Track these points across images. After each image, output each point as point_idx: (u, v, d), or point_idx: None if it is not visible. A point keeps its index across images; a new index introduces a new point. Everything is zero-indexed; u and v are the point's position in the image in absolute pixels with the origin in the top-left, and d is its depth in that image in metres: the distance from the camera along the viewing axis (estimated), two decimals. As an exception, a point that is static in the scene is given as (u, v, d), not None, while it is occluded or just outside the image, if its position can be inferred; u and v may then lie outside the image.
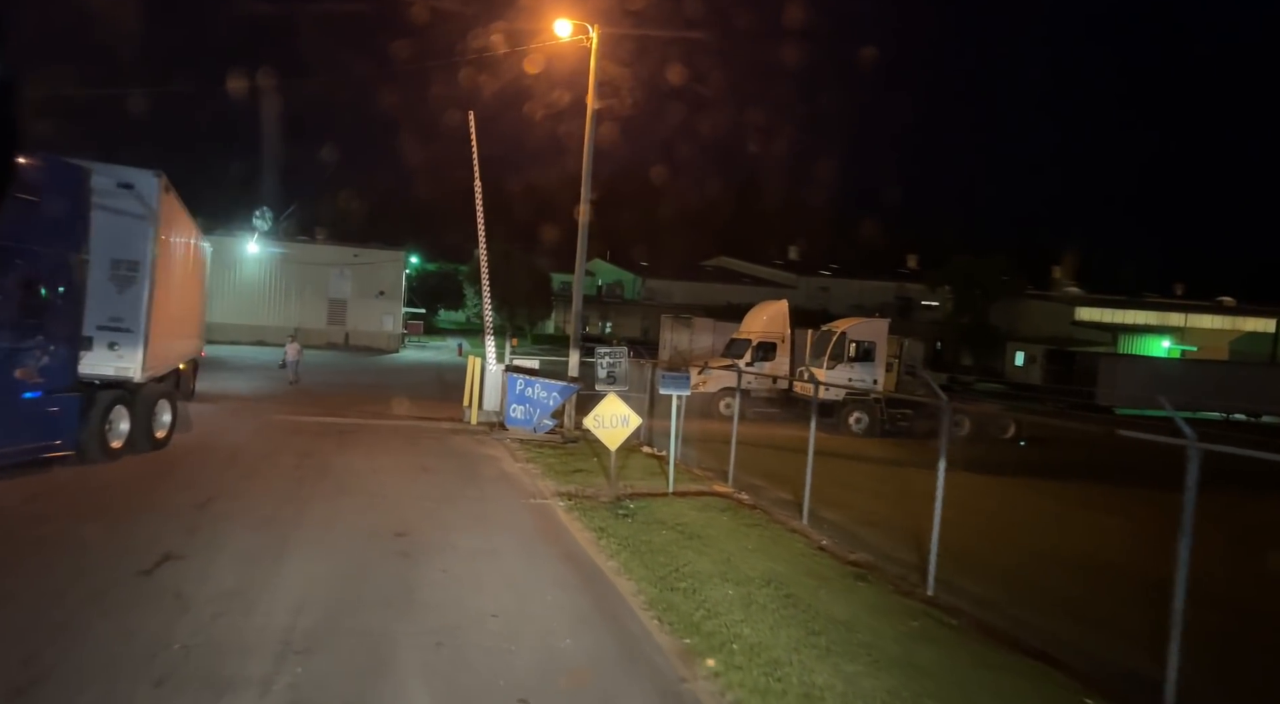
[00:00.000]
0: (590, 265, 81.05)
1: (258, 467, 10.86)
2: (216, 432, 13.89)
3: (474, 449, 13.98)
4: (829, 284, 74.46)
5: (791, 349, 25.09)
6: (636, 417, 10.93)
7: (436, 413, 19.62)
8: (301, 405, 19.14)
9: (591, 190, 18.20)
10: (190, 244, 14.79)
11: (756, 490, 11.54)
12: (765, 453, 14.05)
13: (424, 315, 58.50)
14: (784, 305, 25.45)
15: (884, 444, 20.52)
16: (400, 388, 25.85)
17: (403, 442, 14.25)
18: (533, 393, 15.70)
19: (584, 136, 17.78)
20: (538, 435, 15.66)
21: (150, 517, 7.98)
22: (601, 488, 10.94)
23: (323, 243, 47.34)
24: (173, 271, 12.58)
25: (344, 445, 13.26)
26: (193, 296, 16.10)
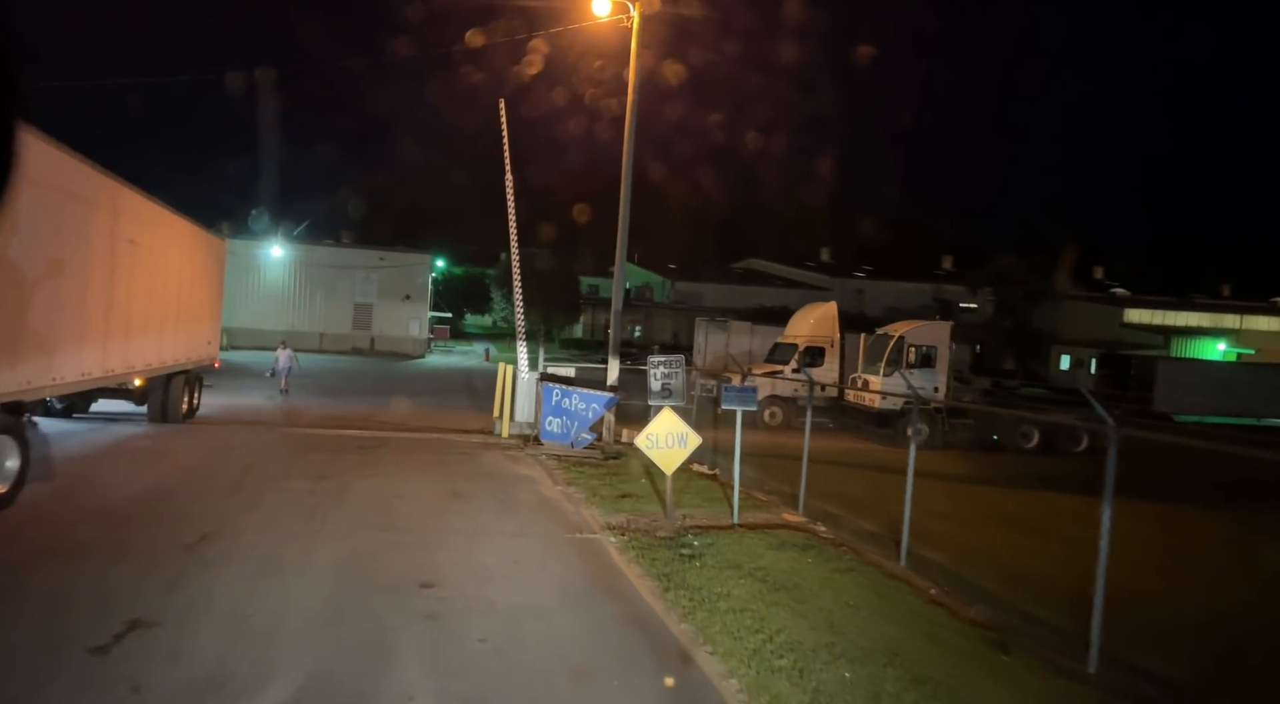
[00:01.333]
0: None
1: (265, 493, 9.54)
2: (224, 448, 12.63)
3: (507, 468, 12.60)
4: (864, 286, 72.53)
5: (841, 354, 23.50)
6: (696, 435, 9.48)
7: (465, 424, 18.31)
8: (320, 417, 17.90)
9: (630, 185, 16.78)
10: (150, 229, 12.74)
11: (833, 520, 10.02)
12: (825, 469, 12.51)
13: (450, 320, 57.50)
14: (832, 308, 23.87)
15: (946, 457, 18.86)
16: (427, 396, 24.62)
17: (429, 459, 12.90)
18: (570, 404, 14.31)
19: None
20: (575, 451, 14.26)
21: (129, 563, 6.65)
22: (656, 518, 9.49)
23: (348, 245, 46.43)
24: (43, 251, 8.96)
25: (364, 464, 11.93)
26: (172, 294, 14.21)
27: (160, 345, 13.47)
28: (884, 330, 20.97)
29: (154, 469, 10.66)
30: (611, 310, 16.74)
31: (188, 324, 15.12)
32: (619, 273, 16.88)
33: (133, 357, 12.17)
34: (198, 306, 15.88)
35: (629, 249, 66.14)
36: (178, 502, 8.87)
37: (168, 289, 14.06)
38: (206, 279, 16.71)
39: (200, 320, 16.10)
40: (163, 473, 10.49)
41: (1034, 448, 20.66)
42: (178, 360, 14.44)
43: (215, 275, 17.60)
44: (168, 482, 10.02)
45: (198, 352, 15.87)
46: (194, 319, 15.59)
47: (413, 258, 45.56)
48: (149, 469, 10.62)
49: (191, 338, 15.39)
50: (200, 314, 16.10)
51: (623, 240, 16.72)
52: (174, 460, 11.47)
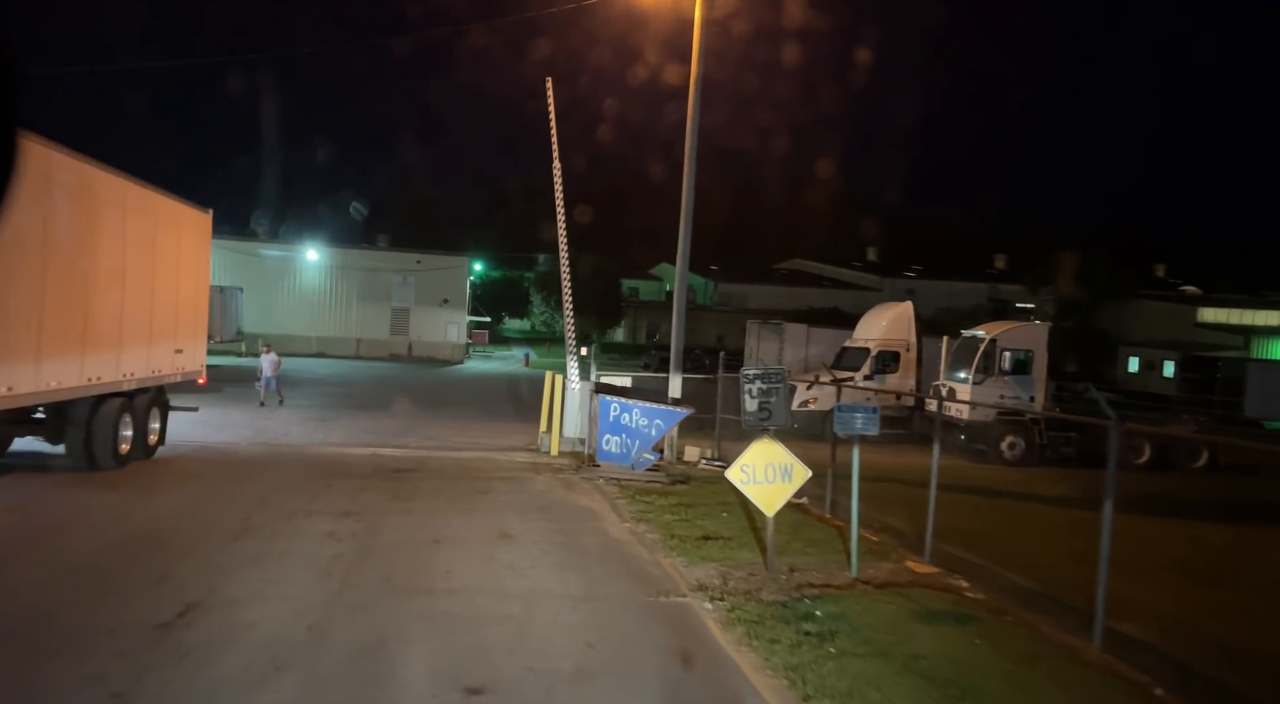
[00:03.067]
0: (657, 270, 78.38)
1: (276, 538, 7.85)
2: (236, 476, 11.01)
3: (563, 498, 10.81)
4: (915, 286, 69.81)
5: (919, 359, 21.37)
6: (803, 467, 7.59)
7: (508, 438, 16.62)
8: (352, 431, 16.34)
9: (688, 179, 14.94)
10: (66, 195, 9.39)
11: (970, 570, 8.03)
12: (918, 495, 10.51)
13: (489, 324, 56.17)
14: (908, 308, 21.77)
15: (1047, 476, 16.67)
16: (467, 405, 23.03)
17: (472, 487, 11.17)
18: (630, 420, 12.49)
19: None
20: (637, 474, 12.45)
21: (81, 649, 4.97)
22: (755, 570, 7.61)
23: (384, 249, 45.26)
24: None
25: (397, 495, 10.22)
26: (104, 285, 10.31)
27: (82, 356, 9.67)
28: (972, 332, 18.81)
29: (141, 509, 9.06)
30: (674, 317, 14.90)
31: (139, 326, 11.15)
32: (680, 277, 15.04)
33: (23, 373, 8.69)
34: (160, 302, 11.79)
35: (666, 251, 64.17)
36: (166, 553, 7.20)
37: (97, 278, 10.08)
38: (175, 265, 12.30)
39: (164, 321, 11.95)
40: (153, 512, 8.89)
41: (1144, 463, 18.32)
42: (119, 377, 10.50)
43: (191, 261, 13.12)
44: (160, 523, 8.40)
45: (161, 363, 11.78)
46: (152, 319, 11.55)
47: (450, 260, 44.21)
48: (133, 508, 9.03)
49: (150, 345, 11.43)
50: (163, 313, 11.91)
51: (684, 243, 14.90)
52: (149, 506, 9.86)
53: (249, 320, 36.03)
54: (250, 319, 36.16)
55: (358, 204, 51.94)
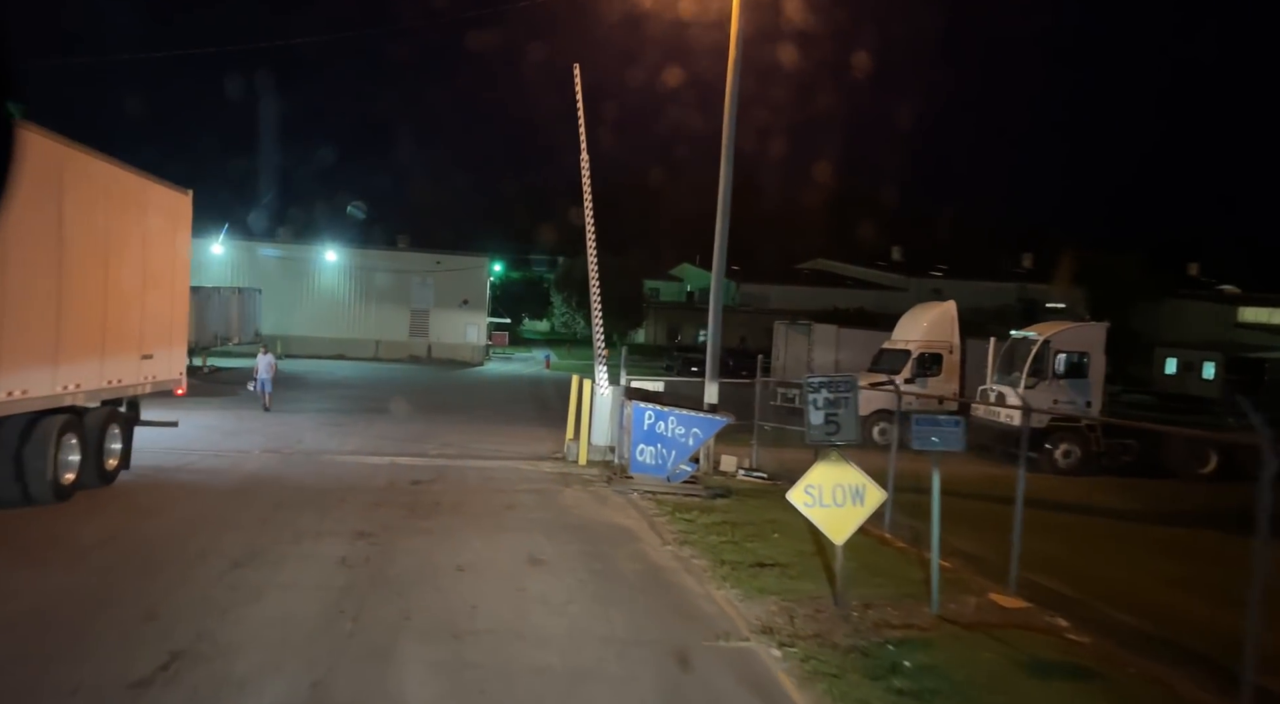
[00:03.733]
0: (677, 270, 77.46)
1: (281, 565, 7.01)
2: (247, 488, 10.20)
3: (595, 513, 9.91)
4: (941, 285, 68.43)
5: (963, 362, 20.32)
6: (877, 488, 6.66)
7: (532, 445, 15.79)
8: (369, 438, 15.54)
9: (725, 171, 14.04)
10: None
11: (1063, 604, 7.04)
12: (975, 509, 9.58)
13: (509, 325, 55.49)
14: (950, 308, 20.71)
15: (1106, 486, 15.59)
16: (488, 409, 22.23)
17: (497, 501, 10.30)
18: (666, 429, 11.58)
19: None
20: (673, 486, 11.54)
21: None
22: (820, 604, 6.68)
23: (404, 249, 44.64)
24: None
25: (415, 511, 9.37)
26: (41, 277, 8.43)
27: (14, 365, 7.88)
28: (1024, 333, 17.72)
29: (134, 530, 8.26)
30: (710, 321, 14.00)
31: (86, 328, 9.18)
32: (716, 281, 14.17)
33: None
34: (118, 300, 9.73)
35: (689, 251, 63.17)
36: (155, 586, 6.37)
37: (18, 266, 7.99)
38: (139, 255, 10.23)
39: (125, 322, 9.97)
40: (146, 535, 8.08)
41: (1210, 472, 17.16)
42: (55, 391, 8.51)
43: (163, 250, 11.04)
44: (152, 549, 7.59)
45: (121, 372, 9.78)
46: (106, 320, 9.54)
47: (470, 260, 43.51)
48: (123, 528, 8.23)
49: (103, 351, 9.44)
50: (123, 312, 9.92)
51: (722, 237, 14.01)
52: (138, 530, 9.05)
53: (267, 322, 35.51)
54: (268, 321, 35.64)
55: (356, 205, 51.33)
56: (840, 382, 6.85)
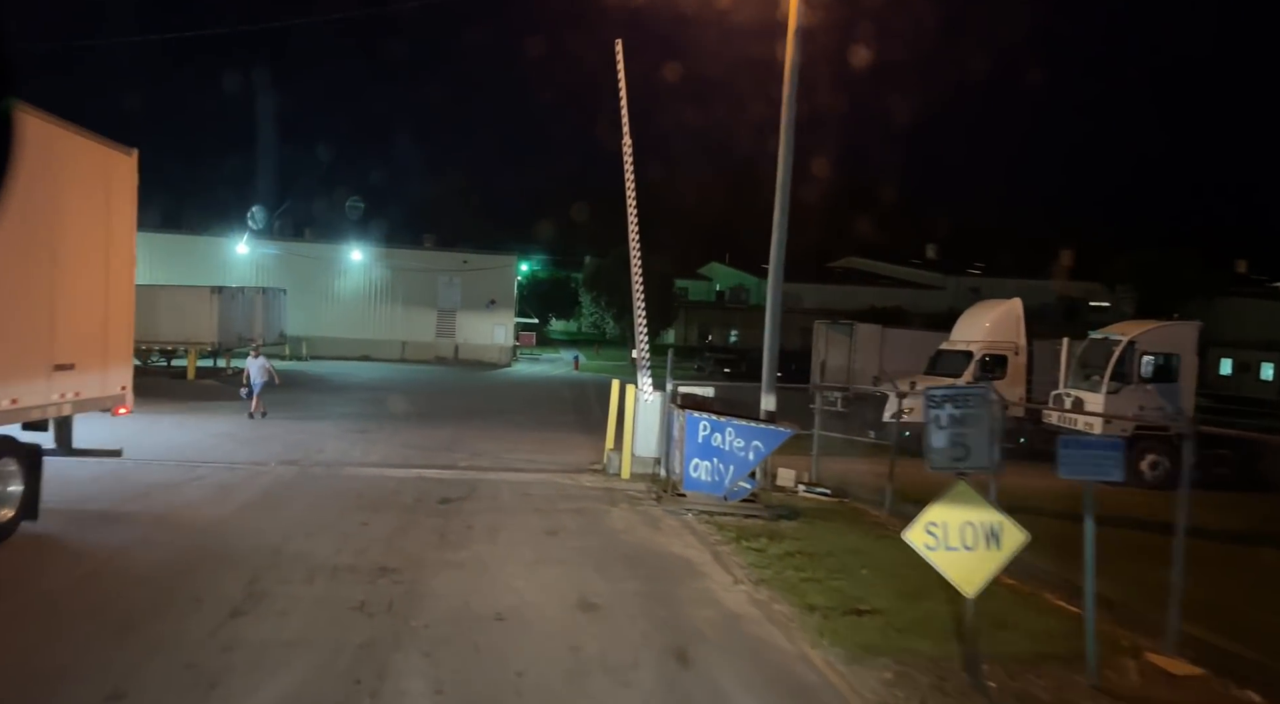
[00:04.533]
0: (706, 269, 76.03)
1: (289, 613, 5.86)
2: (257, 510, 9.08)
3: (650, 540, 8.69)
4: (979, 284, 66.52)
5: (1029, 364, 18.85)
6: (1016, 528, 5.37)
7: (568, 454, 14.67)
8: (394, 446, 14.47)
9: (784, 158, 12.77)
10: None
11: (1247, 671, 5.69)
12: (1054, 527, 8.22)
13: (537, 326, 54.50)
14: (1016, 306, 19.23)
15: (1202, 501, 13.97)
16: (518, 414, 21.10)
17: (536, 525, 9.12)
18: (723, 442, 10.34)
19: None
20: (731, 505, 10.33)
21: None
22: (945, 670, 5.41)
23: (430, 248, 43.75)
24: None
25: (446, 538, 8.22)
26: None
27: None
28: (1104, 333, 16.24)
29: (116, 570, 7.16)
30: (767, 324, 12.72)
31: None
32: (775, 262, 12.88)
33: None
34: (11, 289, 7.28)
35: (717, 250, 61.48)
36: (129, 645, 5.23)
37: None
38: (48, 231, 7.65)
39: (22, 319, 7.44)
40: (131, 570, 6.98)
41: (1312, 486, 15.55)
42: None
43: (91, 226, 8.47)
44: (135, 589, 6.48)
45: (18, 390, 7.26)
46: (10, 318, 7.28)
47: (498, 260, 42.53)
48: (109, 566, 7.13)
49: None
50: (18, 306, 7.41)
51: (780, 234, 12.74)
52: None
53: (292, 323, 34.77)
54: (293, 321, 34.90)
55: (354, 201, 50.48)
56: (969, 395, 5.57)
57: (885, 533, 9.59)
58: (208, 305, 28.18)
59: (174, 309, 28.19)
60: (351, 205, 49.60)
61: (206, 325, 28.11)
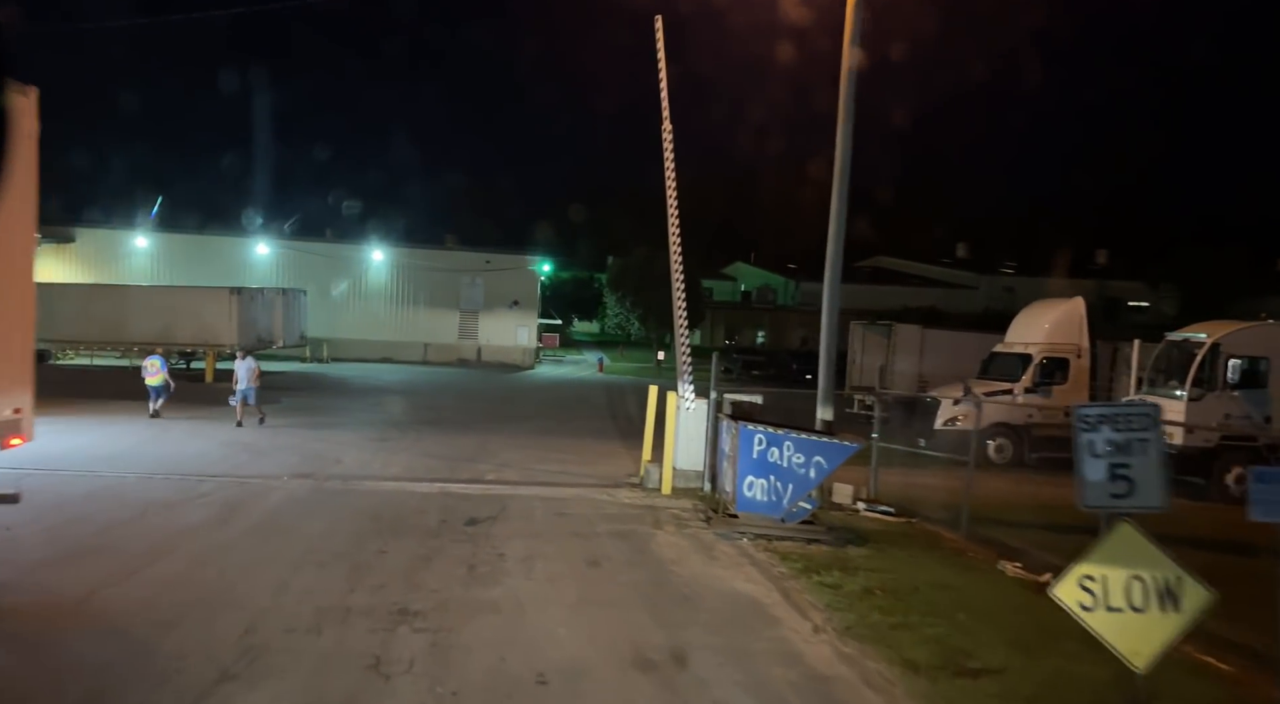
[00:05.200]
0: (730, 269, 74.79)
1: (289, 674, 4.87)
2: (263, 535, 8.10)
3: (706, 573, 7.62)
4: (1014, 283, 64.77)
5: (1093, 367, 17.59)
6: (1198, 586, 4.24)
7: (601, 464, 13.71)
8: (416, 455, 13.52)
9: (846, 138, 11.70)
10: None
11: None
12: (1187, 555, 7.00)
13: (560, 327, 53.59)
14: (1078, 306, 17.96)
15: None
16: (544, 419, 20.12)
17: (574, 550, 8.09)
18: (780, 457, 9.24)
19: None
20: (789, 527, 9.24)
21: None
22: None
23: (452, 248, 42.94)
24: None
25: (475, 571, 7.20)
26: None
27: None
28: (1183, 335, 14.95)
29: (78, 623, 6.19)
30: (823, 322, 11.64)
31: None
32: (832, 274, 11.79)
33: None
34: None
35: (742, 249, 59.91)
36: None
37: None
38: None
39: None
40: (105, 612, 6.01)
41: None
42: None
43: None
44: (115, 636, 5.51)
45: None
46: None
47: (521, 260, 41.63)
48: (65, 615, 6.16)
49: None
50: None
51: (839, 225, 11.66)
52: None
53: (313, 324, 34.09)
54: (314, 323, 34.22)
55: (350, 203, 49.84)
56: (1132, 415, 4.45)
57: (970, 562, 8.47)
58: (227, 307, 27.48)
59: (192, 310, 27.57)
60: (348, 206, 49.07)
61: (225, 327, 27.42)
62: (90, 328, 27.71)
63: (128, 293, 29.43)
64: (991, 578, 7.90)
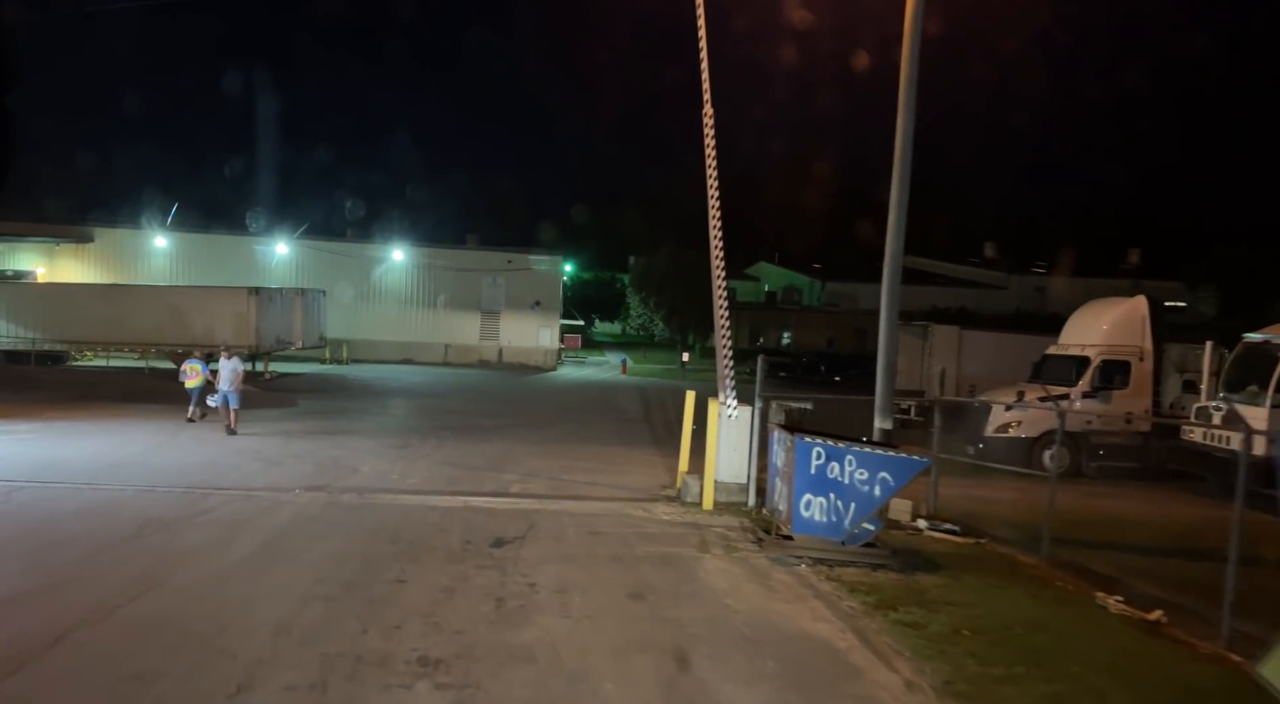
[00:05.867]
0: (754, 269, 73.60)
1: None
2: (267, 560, 7.25)
3: (766, 609, 6.68)
4: (1045, 283, 63.24)
5: (1157, 372, 16.44)
6: None
7: (632, 473, 12.87)
8: (436, 464, 12.70)
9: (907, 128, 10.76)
10: None
11: None
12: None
13: (582, 327, 52.78)
14: (1140, 305, 16.83)
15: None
16: (569, 424, 19.26)
17: (613, 579, 7.19)
18: (841, 473, 8.29)
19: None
20: (849, 551, 8.30)
21: None
22: None
23: (473, 247, 42.25)
24: None
25: (504, 607, 6.31)
26: None
27: None
28: (1264, 334, 13.79)
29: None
30: (881, 323, 10.70)
31: None
32: (891, 270, 10.86)
33: None
34: None
35: (768, 249, 58.71)
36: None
37: None
38: None
39: None
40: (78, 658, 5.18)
41: None
42: None
43: None
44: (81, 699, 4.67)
45: None
46: None
47: (543, 259, 40.86)
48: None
49: None
50: None
51: (898, 221, 10.71)
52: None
53: (332, 325, 33.51)
54: (334, 323, 33.64)
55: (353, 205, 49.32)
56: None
57: (1061, 595, 7.48)
58: (245, 307, 26.91)
59: (210, 311, 27.04)
60: (351, 208, 48.61)
61: (244, 328, 26.86)
62: (106, 328, 27.27)
63: (143, 293, 28.96)
64: (1091, 615, 6.91)
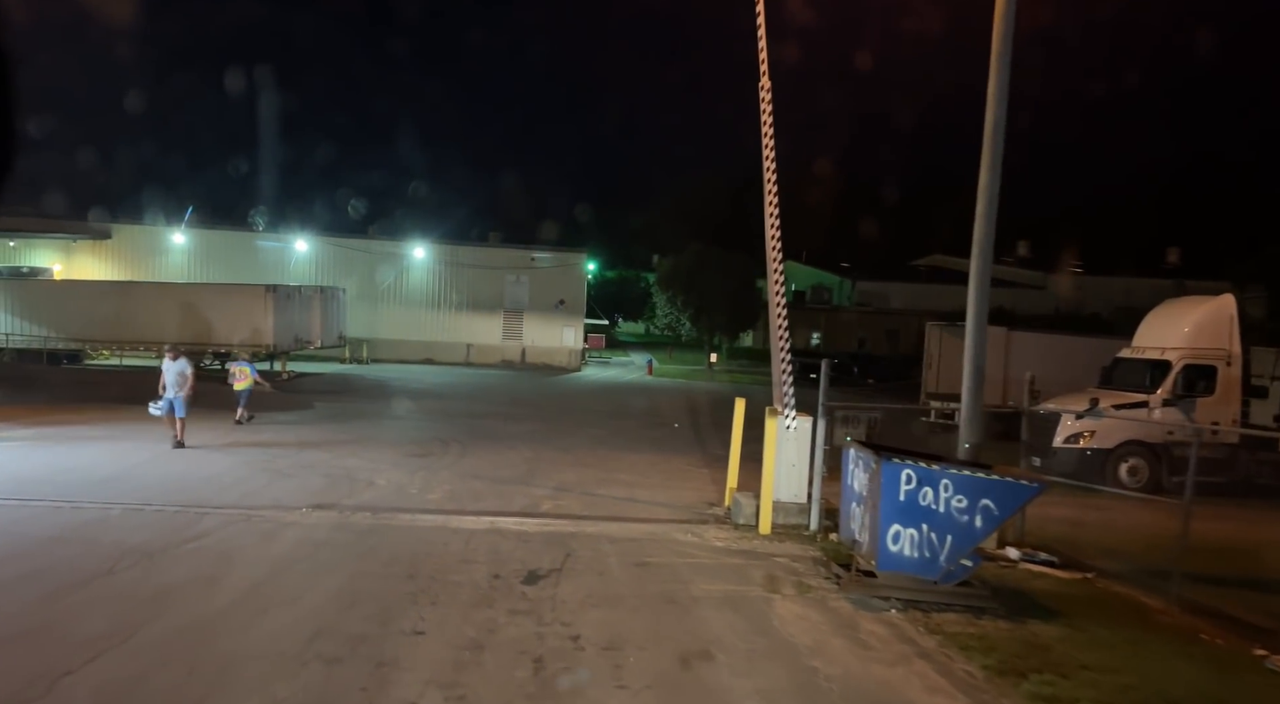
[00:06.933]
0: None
1: None
2: (262, 600, 6.11)
3: (863, 674, 5.45)
4: (1084, 282, 61.15)
5: (1245, 377, 14.99)
6: None
7: (673, 486, 11.73)
8: (460, 476, 11.56)
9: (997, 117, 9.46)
10: None
11: None
12: None
13: (606, 327, 51.62)
14: (1228, 305, 15.33)
15: None
16: (599, 429, 18.05)
17: (672, 630, 5.98)
18: (935, 500, 7.03)
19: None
20: (943, 590, 7.04)
21: None
22: None
23: (496, 245, 41.23)
24: None
25: (543, 672, 5.14)
26: None
27: None
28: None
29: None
30: (968, 326, 9.42)
31: None
32: (980, 264, 9.57)
33: None
34: None
35: (792, 247, 57.23)
36: None
37: None
38: None
39: None
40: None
41: None
42: None
43: None
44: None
45: None
46: None
47: (567, 257, 39.75)
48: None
49: None
50: None
51: (988, 208, 9.42)
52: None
53: (352, 323, 32.63)
54: (354, 322, 32.75)
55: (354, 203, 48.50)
56: None
57: (1214, 652, 6.16)
58: (262, 305, 26.04)
59: (226, 309, 26.20)
60: (352, 206, 47.84)
61: (262, 326, 26.00)
62: (118, 327, 26.53)
63: (155, 290, 28.19)
64: (1266, 682, 5.61)
